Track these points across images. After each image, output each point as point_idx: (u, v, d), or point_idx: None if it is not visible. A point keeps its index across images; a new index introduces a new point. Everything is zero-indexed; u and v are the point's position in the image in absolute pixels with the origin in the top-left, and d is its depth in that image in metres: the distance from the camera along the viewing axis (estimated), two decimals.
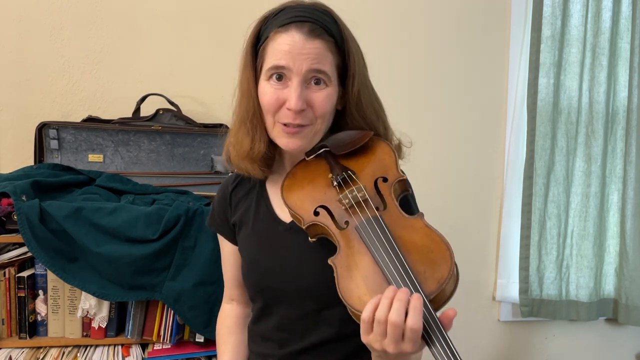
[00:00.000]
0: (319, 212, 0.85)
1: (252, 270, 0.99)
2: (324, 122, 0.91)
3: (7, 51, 1.80)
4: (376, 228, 0.77)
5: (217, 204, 1.09)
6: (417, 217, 0.80)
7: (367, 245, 0.77)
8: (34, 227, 1.32)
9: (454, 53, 2.08)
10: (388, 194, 0.83)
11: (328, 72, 0.88)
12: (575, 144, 2.09)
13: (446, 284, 0.70)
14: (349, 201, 0.82)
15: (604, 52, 2.05)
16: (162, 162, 1.77)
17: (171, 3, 1.88)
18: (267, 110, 0.90)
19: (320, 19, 0.89)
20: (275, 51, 0.87)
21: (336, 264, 0.77)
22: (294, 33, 0.86)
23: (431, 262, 0.72)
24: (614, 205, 2.14)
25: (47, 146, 1.71)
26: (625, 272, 2.09)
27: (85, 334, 1.46)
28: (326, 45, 0.88)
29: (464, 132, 2.12)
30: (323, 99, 0.88)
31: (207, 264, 1.41)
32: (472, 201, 2.13)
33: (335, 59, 0.90)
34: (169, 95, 1.81)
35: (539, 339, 2.24)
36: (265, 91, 0.90)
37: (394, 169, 0.87)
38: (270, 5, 0.98)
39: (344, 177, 0.86)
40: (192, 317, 1.40)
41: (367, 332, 0.71)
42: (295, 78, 0.86)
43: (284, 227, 0.96)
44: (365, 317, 0.70)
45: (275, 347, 0.99)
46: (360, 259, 0.77)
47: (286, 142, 0.90)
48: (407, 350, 0.69)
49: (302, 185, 0.90)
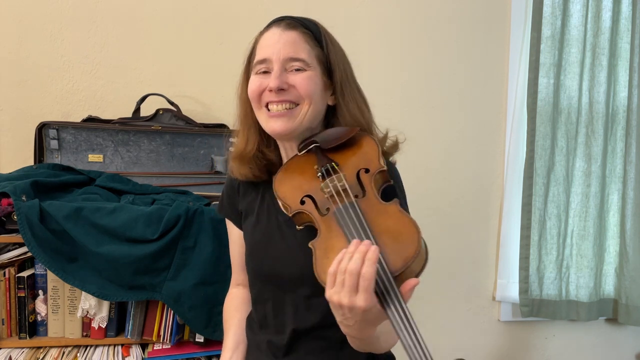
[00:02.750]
0: (305, 201, 0.91)
1: (253, 255, 1.07)
2: (311, 104, 0.97)
3: (7, 51, 1.80)
4: (351, 212, 0.83)
5: (225, 191, 1.17)
6: (392, 203, 0.84)
7: (342, 228, 0.82)
8: (34, 227, 1.32)
9: (454, 53, 2.08)
10: (368, 183, 0.88)
11: (305, 59, 0.96)
12: (575, 144, 2.09)
13: (412, 262, 0.75)
14: (329, 190, 0.88)
15: (604, 52, 2.05)
16: (162, 162, 1.77)
17: (171, 3, 1.88)
18: (252, 98, 0.99)
19: (298, 18, 1.01)
20: (259, 48, 0.99)
21: (315, 247, 0.83)
22: (273, 29, 0.99)
23: (400, 243, 0.77)
24: (614, 205, 2.14)
25: (47, 146, 1.71)
26: (625, 272, 2.10)
27: (85, 334, 1.46)
28: (302, 37, 0.98)
29: (464, 132, 2.12)
30: (303, 79, 0.96)
31: (207, 264, 1.41)
32: (472, 201, 2.13)
33: (315, 50, 0.98)
34: (169, 95, 1.81)
35: (539, 339, 2.24)
36: (251, 82, 1.00)
37: (376, 161, 0.92)
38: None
39: (327, 169, 0.93)
40: (192, 317, 1.40)
41: (330, 285, 0.75)
42: (275, 65, 0.96)
43: (284, 218, 1.00)
44: (331, 271, 0.75)
45: (271, 333, 1.04)
46: (336, 242, 0.82)
47: (272, 126, 0.97)
48: (359, 303, 0.71)
49: (292, 177, 0.97)
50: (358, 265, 0.72)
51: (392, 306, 0.72)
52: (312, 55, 0.98)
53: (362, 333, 0.79)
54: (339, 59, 1.01)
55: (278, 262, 1.01)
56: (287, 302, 1.02)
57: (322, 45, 1.00)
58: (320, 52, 0.99)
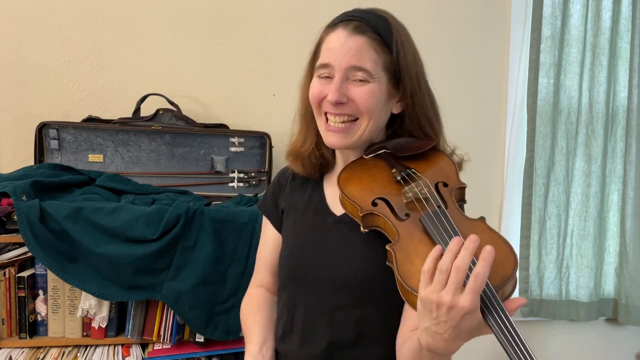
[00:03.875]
0: (377, 203, 0.85)
1: (291, 254, 1.00)
2: (371, 119, 0.91)
3: (7, 51, 1.80)
4: (442, 219, 0.77)
5: (271, 188, 1.12)
6: (480, 220, 0.80)
7: (431, 234, 0.76)
8: (34, 227, 1.32)
9: (454, 53, 2.08)
10: (449, 197, 0.84)
11: (369, 69, 0.88)
12: (575, 144, 2.09)
13: (509, 281, 0.69)
14: (411, 196, 0.83)
15: (604, 52, 2.05)
16: (162, 162, 1.77)
17: (171, 3, 1.88)
18: (312, 102, 0.94)
19: (368, 18, 0.90)
20: (324, 50, 0.92)
21: (395, 250, 0.77)
22: (340, 31, 0.90)
23: (495, 259, 0.69)
24: (614, 205, 2.14)
25: (47, 146, 1.71)
26: (625, 272, 2.10)
27: (85, 334, 1.46)
28: (369, 43, 0.89)
29: (464, 132, 2.11)
30: (364, 94, 0.89)
31: (207, 264, 1.41)
32: (472, 201, 2.12)
33: (381, 58, 0.90)
34: (169, 95, 1.81)
35: (539, 339, 2.24)
36: (312, 85, 0.94)
37: (455, 177, 0.88)
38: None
39: (408, 174, 0.88)
40: (192, 317, 1.40)
41: (425, 284, 0.68)
42: (337, 74, 0.89)
43: (334, 219, 0.97)
44: (426, 268, 0.68)
45: (295, 343, 0.97)
46: (422, 247, 0.76)
47: (330, 140, 0.93)
48: (464, 304, 0.64)
49: (361, 178, 0.92)
50: (467, 263, 0.65)
51: (497, 316, 0.64)
52: (379, 64, 0.90)
53: (447, 345, 0.69)
54: (410, 64, 0.93)
55: (321, 263, 0.94)
56: (322, 309, 0.93)
57: (392, 51, 0.91)
58: (388, 59, 0.90)
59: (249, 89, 1.94)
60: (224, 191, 1.81)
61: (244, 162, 1.82)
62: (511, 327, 0.63)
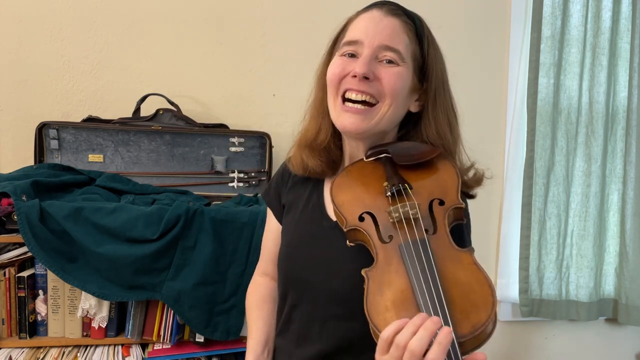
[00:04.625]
0: (364, 218, 0.81)
1: (288, 257, 0.97)
2: (392, 106, 0.86)
3: (7, 51, 1.80)
4: (420, 252, 0.72)
5: (275, 179, 1.08)
6: (467, 252, 0.74)
7: (406, 266, 0.72)
8: (34, 227, 1.32)
9: (454, 53, 2.07)
10: (441, 218, 0.78)
11: (401, 51, 0.85)
12: (575, 144, 2.09)
13: (481, 330, 0.65)
14: (398, 215, 0.77)
15: (604, 52, 2.05)
16: (162, 162, 1.77)
17: (171, 3, 1.88)
18: (331, 81, 0.87)
19: (401, 7, 0.89)
20: (351, 29, 0.88)
21: (369, 277, 0.73)
22: (374, 11, 0.87)
23: (470, 303, 0.67)
24: (614, 205, 2.14)
25: (47, 146, 1.71)
26: (625, 272, 2.09)
27: (85, 334, 1.46)
28: (403, 26, 0.87)
29: (464, 132, 2.11)
30: (393, 74, 0.84)
31: (207, 264, 1.41)
32: (472, 201, 2.13)
33: (412, 45, 0.87)
34: (169, 95, 1.81)
35: (539, 339, 2.24)
36: (333, 63, 0.88)
37: (454, 194, 0.81)
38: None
39: (399, 189, 0.81)
40: (192, 317, 1.40)
41: (382, 352, 0.66)
42: (366, 50, 0.84)
43: (330, 224, 0.92)
44: (384, 336, 0.65)
45: (293, 341, 0.95)
46: (395, 279, 0.72)
47: (344, 122, 0.86)
48: None
49: (354, 187, 0.86)
50: (424, 347, 0.61)
51: None
52: (409, 50, 0.86)
53: None
54: (438, 61, 0.90)
55: (314, 270, 0.90)
56: (315, 316, 0.91)
57: (422, 42, 0.88)
58: (417, 49, 0.88)
59: (249, 89, 1.94)
60: (224, 191, 1.81)
61: (244, 162, 1.82)
62: None
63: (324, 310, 0.90)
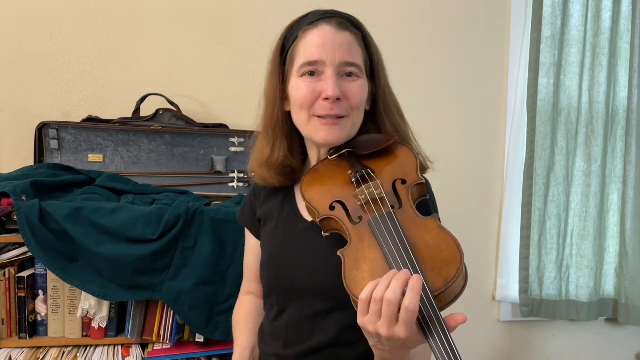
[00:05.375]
0: (335, 207, 0.86)
1: (270, 263, 1.00)
2: (358, 115, 0.92)
3: (7, 51, 1.80)
4: (388, 223, 0.77)
5: (248, 197, 1.12)
6: (431, 218, 0.79)
7: (377, 239, 0.77)
8: (34, 227, 1.32)
9: (454, 53, 2.08)
10: (405, 195, 0.83)
11: (359, 64, 0.90)
12: (575, 144, 2.09)
13: (452, 283, 0.70)
14: (364, 197, 0.83)
15: (604, 52, 2.05)
16: (162, 162, 1.77)
17: (171, 3, 1.88)
18: (302, 104, 0.90)
19: (345, 16, 0.93)
20: (307, 47, 0.90)
21: (345, 255, 0.78)
22: (324, 26, 0.89)
23: (440, 260, 0.72)
24: (614, 205, 2.14)
25: (47, 146, 1.71)
26: (625, 272, 2.10)
27: (85, 334, 1.46)
28: (355, 39, 0.91)
29: (464, 132, 2.12)
30: (357, 89, 0.89)
31: (207, 264, 1.41)
32: (472, 201, 2.13)
33: (363, 53, 0.92)
34: (169, 95, 1.81)
35: (539, 339, 2.24)
36: (298, 87, 0.91)
37: (414, 173, 0.87)
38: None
39: (362, 175, 0.87)
40: (192, 317, 1.40)
41: (363, 313, 0.70)
42: (329, 69, 0.88)
43: (305, 225, 0.97)
44: (363, 297, 0.69)
45: (280, 346, 0.98)
46: (369, 252, 0.77)
47: (325, 135, 0.90)
48: (399, 335, 0.67)
49: (323, 182, 0.91)
50: (397, 295, 0.66)
51: (436, 335, 0.66)
52: (362, 59, 0.91)
53: (395, 356, 0.74)
54: (380, 60, 0.96)
55: (296, 272, 0.94)
56: (303, 315, 0.94)
57: (369, 47, 0.93)
58: (366, 55, 0.93)
59: (249, 89, 1.94)
60: (224, 191, 1.81)
61: (244, 162, 1.82)
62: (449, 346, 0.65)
63: (312, 308, 0.93)
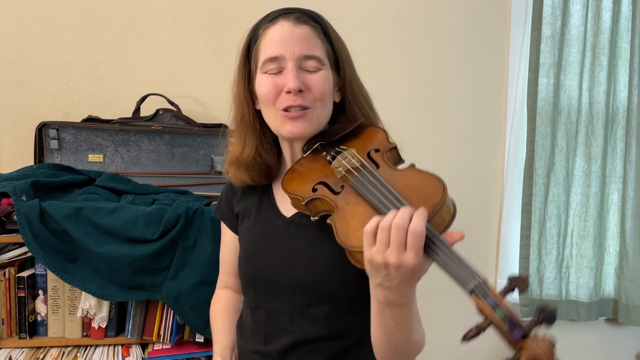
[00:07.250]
0: (317, 189, 0.88)
1: (248, 259, 1.01)
2: (323, 106, 0.92)
3: (7, 51, 1.80)
4: (369, 177, 0.81)
5: (224, 192, 1.13)
6: (409, 167, 0.83)
7: (362, 194, 0.80)
8: (34, 227, 1.32)
9: (454, 53, 2.08)
10: (381, 159, 0.87)
11: (320, 57, 0.91)
12: (575, 144, 2.09)
13: (440, 208, 0.72)
14: (343, 167, 0.86)
15: (604, 52, 2.05)
16: (162, 162, 1.77)
17: (171, 3, 1.88)
18: (267, 99, 0.92)
19: (304, 10, 0.94)
20: (267, 45, 0.91)
21: (334, 221, 0.80)
22: (282, 22, 0.91)
23: (424, 194, 0.75)
24: (614, 205, 2.14)
25: (47, 146, 1.71)
26: (625, 272, 2.09)
27: (85, 334, 1.46)
28: (314, 31, 0.91)
29: (464, 132, 2.12)
30: (319, 80, 0.90)
31: (207, 264, 1.41)
32: (472, 201, 2.13)
33: (325, 45, 0.93)
34: (169, 95, 1.81)
35: None
36: (262, 83, 0.92)
37: (385, 141, 0.91)
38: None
39: (337, 152, 0.90)
40: (192, 317, 1.40)
41: (369, 246, 0.70)
42: (289, 63, 0.89)
43: (284, 221, 0.98)
44: (368, 229, 0.70)
45: (261, 342, 0.98)
46: (356, 208, 0.80)
47: (291, 129, 0.91)
48: (409, 261, 0.67)
49: (302, 173, 0.94)
50: (406, 221, 0.67)
51: (440, 252, 0.68)
52: (324, 51, 0.92)
53: (403, 293, 0.73)
54: (344, 51, 0.96)
55: (275, 266, 0.95)
56: (282, 310, 0.95)
57: (330, 39, 0.94)
58: (329, 47, 0.93)
59: None
60: None
61: None
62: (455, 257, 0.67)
63: (291, 303, 0.94)
